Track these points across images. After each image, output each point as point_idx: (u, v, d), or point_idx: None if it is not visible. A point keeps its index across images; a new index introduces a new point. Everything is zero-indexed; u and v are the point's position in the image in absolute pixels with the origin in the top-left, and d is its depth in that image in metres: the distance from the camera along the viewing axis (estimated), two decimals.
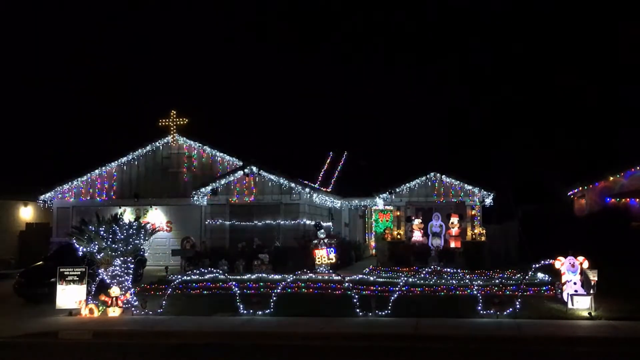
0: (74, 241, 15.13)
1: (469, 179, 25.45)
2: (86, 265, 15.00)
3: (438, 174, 25.10)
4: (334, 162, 33.29)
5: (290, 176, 24.24)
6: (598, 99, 49.34)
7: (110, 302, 13.99)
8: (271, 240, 23.29)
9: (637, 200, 24.79)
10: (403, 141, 34.62)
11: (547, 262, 13.85)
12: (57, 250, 19.72)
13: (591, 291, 13.12)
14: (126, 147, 26.62)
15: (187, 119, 25.92)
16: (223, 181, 24.22)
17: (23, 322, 13.33)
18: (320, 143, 35.61)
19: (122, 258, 14.67)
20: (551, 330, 11.55)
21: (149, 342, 11.53)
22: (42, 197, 26.48)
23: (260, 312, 13.50)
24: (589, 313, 12.70)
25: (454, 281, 17.07)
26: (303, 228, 23.47)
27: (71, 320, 13.50)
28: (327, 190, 27.94)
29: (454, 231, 24.19)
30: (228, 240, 24.00)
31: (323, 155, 34.55)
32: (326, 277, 18.03)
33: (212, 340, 11.56)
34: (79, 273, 14.57)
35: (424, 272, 16.29)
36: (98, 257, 14.72)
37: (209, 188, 24.22)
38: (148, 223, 17.18)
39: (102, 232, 14.58)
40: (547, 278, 16.83)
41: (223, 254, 22.47)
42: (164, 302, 14.04)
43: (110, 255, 14.63)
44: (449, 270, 17.10)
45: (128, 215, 22.90)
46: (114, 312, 13.89)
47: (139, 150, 26.33)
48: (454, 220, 24.26)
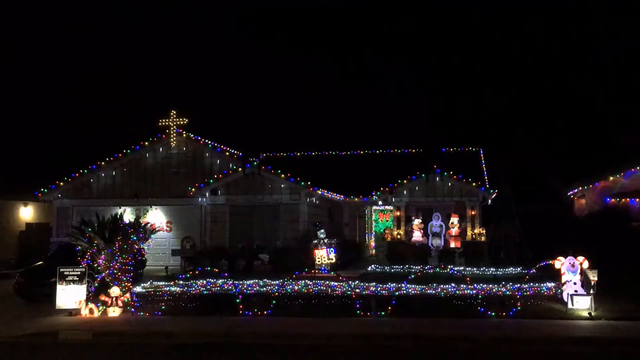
0: (74, 241, 15.13)
1: (469, 179, 25.46)
2: (86, 265, 14.99)
3: (438, 174, 25.09)
4: (335, 161, 33.29)
5: (290, 176, 24.23)
6: (598, 99, 49.40)
7: (110, 302, 13.99)
8: (271, 240, 23.28)
9: (637, 200, 24.79)
10: (403, 141, 34.59)
11: (547, 262, 13.84)
12: (57, 250, 19.72)
13: (591, 291, 13.11)
14: (126, 147, 26.61)
15: (187, 119, 25.89)
16: (223, 181, 24.22)
17: (23, 322, 13.32)
18: (320, 143, 35.58)
19: (122, 258, 14.67)
20: (551, 330, 11.55)
21: (149, 342, 11.53)
22: (42, 197, 26.47)
23: (260, 312, 13.50)
24: (589, 313, 12.70)
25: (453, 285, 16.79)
26: (303, 228, 23.46)
27: (71, 320, 13.50)
28: (327, 190, 27.92)
29: (454, 231, 24.20)
30: (228, 240, 24.00)
31: (323, 154, 34.59)
32: (326, 277, 18.02)
33: (211, 340, 11.56)
34: (79, 273, 14.56)
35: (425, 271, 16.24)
36: (98, 257, 14.72)
37: (209, 188, 24.23)
38: (148, 223, 17.18)
39: (102, 232, 14.58)
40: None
41: (223, 254, 22.47)
42: (164, 302, 14.04)
43: (110, 255, 14.63)
44: (451, 271, 17.05)
45: (128, 215, 22.88)
46: (114, 312, 13.89)
47: (139, 150, 26.32)
48: (454, 220, 24.27)
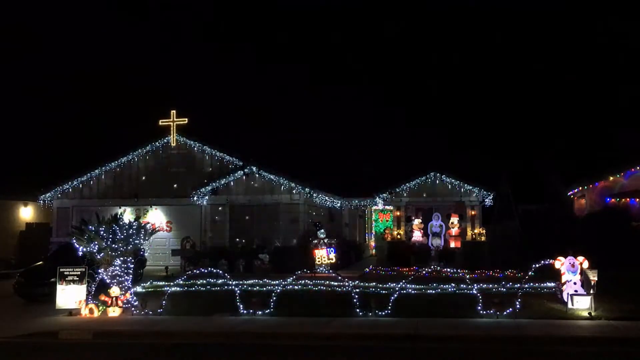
0: (74, 241, 15.13)
1: (469, 179, 25.46)
2: (86, 265, 14.99)
3: (438, 174, 25.10)
4: (334, 161, 33.32)
5: (290, 176, 24.24)
6: (598, 99, 49.39)
7: (110, 302, 13.98)
8: (271, 240, 23.28)
9: (637, 200, 24.78)
10: (403, 141, 34.62)
11: (547, 262, 13.83)
12: (57, 250, 19.72)
13: (591, 291, 13.10)
14: (126, 147, 26.62)
15: (187, 119, 25.91)
16: (223, 181, 24.22)
17: (23, 322, 13.33)
18: (319, 143, 35.59)
19: (122, 258, 14.67)
20: (551, 330, 11.55)
21: (149, 342, 11.52)
22: (42, 197, 26.48)
23: (260, 312, 13.50)
24: (589, 313, 12.69)
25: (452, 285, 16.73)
26: (303, 228, 23.46)
27: (71, 320, 13.49)
28: (327, 190, 27.93)
29: (454, 231, 24.21)
30: (228, 240, 24.01)
31: (323, 154, 34.63)
32: (326, 277, 18.01)
33: (212, 340, 11.56)
34: (79, 273, 14.56)
35: (424, 272, 16.22)
36: (98, 257, 14.73)
37: (209, 188, 24.23)
38: (148, 223, 17.17)
39: (102, 232, 14.58)
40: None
41: (223, 254, 22.49)
42: (164, 302, 14.04)
43: (110, 255, 14.63)
44: (449, 270, 17.06)
45: (128, 215, 22.89)
46: (114, 312, 13.89)
47: (139, 150, 26.33)
48: (454, 220, 24.28)
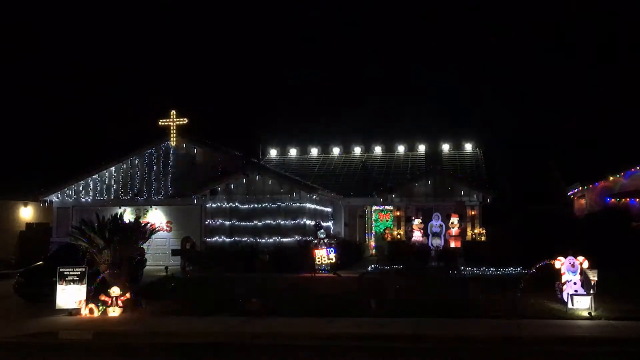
0: (74, 241, 15.12)
1: (469, 179, 25.45)
2: (86, 265, 14.99)
3: (438, 174, 25.07)
4: (335, 162, 33.28)
5: (290, 176, 24.23)
6: (598, 99, 49.37)
7: (110, 302, 13.98)
8: (271, 240, 23.25)
9: (637, 200, 24.78)
10: (403, 141, 34.51)
11: (547, 262, 13.82)
12: (57, 250, 19.70)
13: (591, 291, 13.10)
14: (126, 147, 26.63)
15: (187, 119, 25.91)
16: (223, 181, 24.21)
17: (23, 322, 13.32)
18: (320, 143, 35.53)
19: (122, 258, 14.66)
20: (551, 330, 11.54)
21: (149, 342, 11.52)
22: (42, 197, 26.48)
23: (260, 312, 13.49)
24: (589, 313, 12.69)
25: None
26: (303, 228, 23.45)
27: (71, 320, 13.49)
28: (327, 190, 27.92)
29: (454, 231, 24.19)
30: (228, 240, 23.99)
31: (323, 154, 34.55)
32: (326, 277, 18.03)
33: (212, 340, 11.55)
34: (79, 273, 14.56)
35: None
36: (98, 257, 14.72)
37: (209, 188, 24.22)
38: (148, 223, 17.17)
39: (102, 232, 14.56)
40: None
41: (223, 254, 22.47)
42: (164, 302, 14.04)
43: (110, 255, 14.62)
44: (450, 271, 17.07)
45: (128, 215, 22.88)
46: (114, 312, 13.89)
47: (139, 150, 26.33)
48: (454, 220, 24.26)
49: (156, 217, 25.98)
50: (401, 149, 33.91)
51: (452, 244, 23.97)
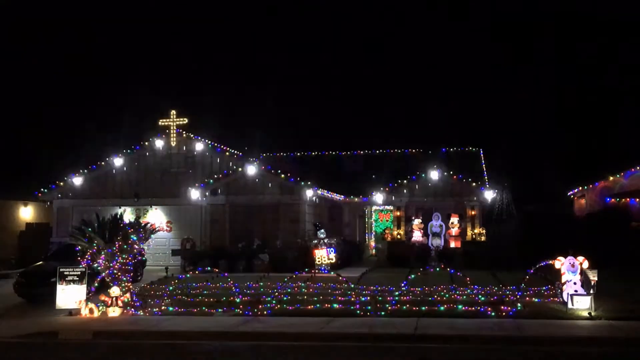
0: (74, 241, 15.11)
1: (469, 179, 25.46)
2: (86, 265, 14.98)
3: (438, 174, 25.08)
4: (335, 162, 33.30)
5: (290, 176, 24.24)
6: (598, 99, 49.37)
7: (110, 302, 13.97)
8: (271, 240, 23.26)
9: (637, 200, 24.80)
10: (403, 141, 34.64)
11: (547, 262, 13.83)
12: (57, 250, 19.72)
13: (591, 291, 13.10)
14: (126, 147, 26.63)
15: (187, 119, 25.94)
16: (223, 181, 24.23)
17: (23, 322, 13.32)
18: (320, 143, 35.59)
19: (122, 258, 14.66)
20: (551, 330, 11.54)
21: (149, 342, 11.52)
22: (42, 197, 26.48)
23: (260, 312, 13.50)
24: (589, 313, 12.69)
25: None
26: (303, 228, 23.45)
27: (71, 320, 13.49)
28: (328, 190, 27.93)
29: (454, 231, 24.21)
30: (228, 240, 24.00)
31: (323, 154, 34.58)
32: (326, 277, 18.02)
33: (212, 340, 11.55)
34: (79, 273, 14.56)
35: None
36: (98, 257, 14.71)
37: (209, 188, 24.24)
38: (148, 223, 17.17)
39: (102, 232, 14.56)
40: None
41: (223, 254, 22.48)
42: (164, 302, 14.04)
43: (110, 255, 14.61)
44: (450, 271, 17.04)
45: (128, 215, 22.90)
46: (114, 312, 13.88)
47: (139, 150, 26.35)
48: (454, 220, 24.28)
49: (156, 217, 25.99)
50: (401, 149, 33.93)
51: (452, 244, 23.99)
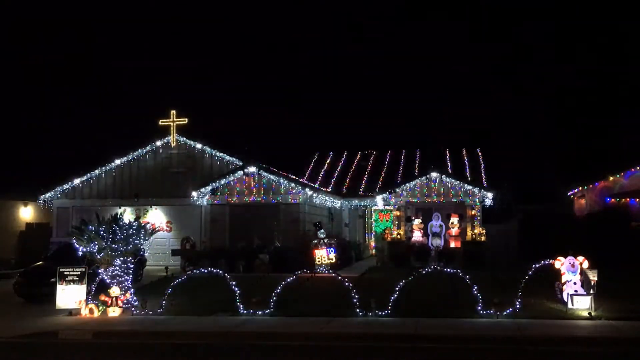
0: (74, 241, 15.12)
1: (469, 179, 25.45)
2: (86, 265, 14.99)
3: (438, 174, 25.07)
4: (334, 162, 33.30)
5: (290, 176, 24.23)
6: (598, 99, 49.38)
7: (110, 302, 13.98)
8: (271, 240, 23.27)
9: (637, 200, 24.78)
10: (403, 141, 34.62)
11: (547, 262, 13.82)
12: (57, 250, 19.72)
13: (591, 291, 13.10)
14: (126, 147, 26.64)
15: (187, 119, 25.92)
16: (223, 181, 24.21)
17: (23, 322, 13.33)
18: (320, 143, 35.59)
19: (122, 258, 14.67)
20: (551, 330, 11.55)
21: (149, 342, 11.52)
22: (42, 197, 26.48)
23: (260, 312, 13.50)
24: (589, 313, 12.69)
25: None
26: (303, 228, 23.44)
27: (71, 320, 13.50)
28: (327, 190, 27.92)
29: (454, 231, 24.19)
30: (228, 240, 23.98)
31: (323, 155, 34.56)
32: (326, 277, 18.00)
33: (212, 340, 11.55)
34: (79, 273, 14.56)
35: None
36: (98, 257, 14.73)
37: (209, 188, 24.22)
38: (148, 223, 17.19)
39: (102, 232, 14.58)
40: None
41: (223, 254, 22.47)
42: (164, 302, 14.04)
43: (110, 255, 14.63)
44: (451, 271, 17.02)
45: (128, 215, 22.88)
46: (114, 312, 13.89)
47: (139, 150, 26.34)
48: (454, 220, 24.26)
49: (156, 217, 25.99)
50: (401, 149, 33.91)
51: (452, 244, 23.97)
